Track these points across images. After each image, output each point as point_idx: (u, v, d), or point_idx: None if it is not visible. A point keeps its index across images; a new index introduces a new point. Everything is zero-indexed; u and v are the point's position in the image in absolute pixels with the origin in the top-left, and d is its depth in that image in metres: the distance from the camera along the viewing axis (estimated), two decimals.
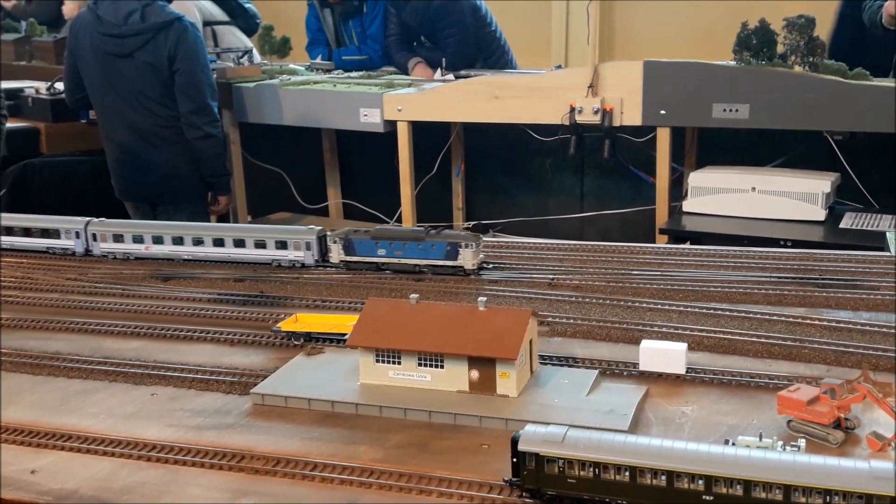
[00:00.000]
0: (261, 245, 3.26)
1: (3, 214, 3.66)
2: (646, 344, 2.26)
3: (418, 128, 5.96)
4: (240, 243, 3.28)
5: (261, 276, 3.15)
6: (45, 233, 3.53)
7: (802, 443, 1.75)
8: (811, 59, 5.15)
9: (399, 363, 2.20)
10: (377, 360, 2.22)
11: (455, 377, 2.17)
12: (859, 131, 5.35)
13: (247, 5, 7.60)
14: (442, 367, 2.17)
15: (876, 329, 2.40)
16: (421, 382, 2.19)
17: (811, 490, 1.54)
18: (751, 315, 2.54)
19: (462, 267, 3.03)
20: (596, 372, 2.24)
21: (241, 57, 6.86)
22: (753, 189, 5.20)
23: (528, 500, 1.75)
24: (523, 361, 2.17)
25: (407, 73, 7.26)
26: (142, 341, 2.67)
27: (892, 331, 2.38)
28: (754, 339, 2.36)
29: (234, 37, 7.44)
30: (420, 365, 2.19)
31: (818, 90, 5.00)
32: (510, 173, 6.83)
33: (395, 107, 5.88)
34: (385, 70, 7.30)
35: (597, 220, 6.48)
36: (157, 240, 3.38)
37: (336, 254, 3.15)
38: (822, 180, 5.09)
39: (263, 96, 6.31)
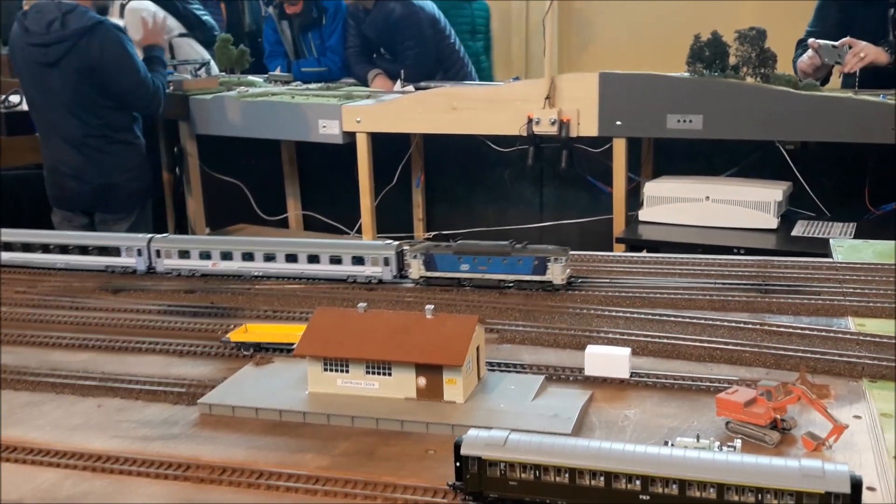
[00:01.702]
0: (336, 261, 3.14)
1: (57, 232, 3.54)
2: (591, 349, 2.30)
3: (378, 139, 5.99)
4: (314, 259, 3.16)
5: (212, 288, 3.15)
6: (104, 251, 3.38)
7: (738, 443, 1.79)
8: (762, 71, 5.26)
9: (347, 371, 2.21)
10: (325, 369, 2.22)
11: (403, 384, 2.18)
12: (810, 141, 5.46)
13: (204, 17, 7.58)
14: (390, 374, 2.19)
15: (815, 333, 2.45)
16: (369, 390, 2.20)
17: (744, 488, 1.58)
18: (694, 321, 2.59)
19: (551, 282, 2.91)
20: (542, 377, 2.26)
21: (199, 69, 6.84)
22: (708, 198, 5.29)
23: None
24: (470, 368, 2.19)
25: (367, 85, 7.28)
26: (90, 353, 2.65)
27: (832, 334, 2.44)
28: (697, 344, 2.41)
29: (192, 49, 7.42)
30: (368, 373, 2.20)
31: (769, 101, 5.10)
32: (470, 184, 6.88)
33: (354, 118, 5.90)
34: (344, 82, 7.32)
35: (556, 230, 6.55)
36: (226, 256, 3.25)
37: (416, 269, 3.04)
38: (774, 189, 5.19)
39: (221, 108, 6.30)
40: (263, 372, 2.39)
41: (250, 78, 7.01)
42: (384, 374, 2.19)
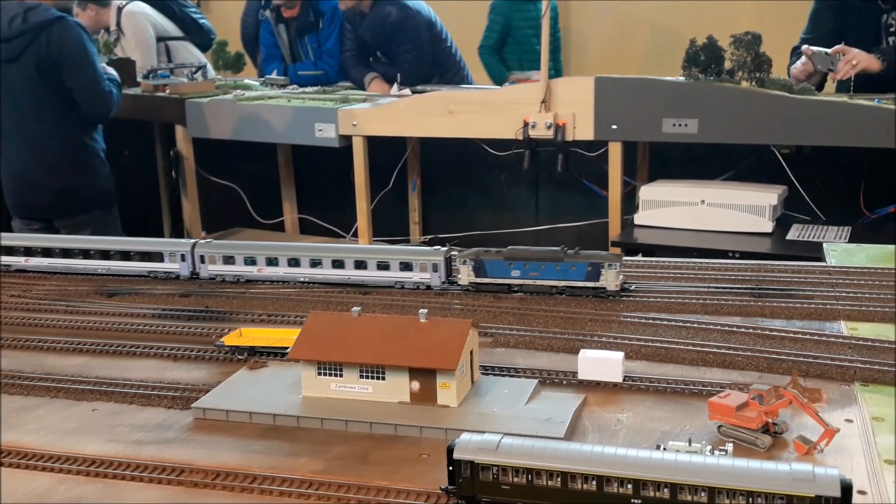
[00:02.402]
0: (384, 267, 3.10)
1: (98, 237, 3.51)
2: (584, 353, 2.30)
3: (374, 142, 6.00)
4: (361, 265, 3.11)
5: (206, 292, 3.15)
6: (147, 256, 3.34)
7: (730, 447, 1.80)
8: (758, 75, 5.27)
9: (341, 375, 2.22)
10: (319, 373, 2.23)
11: (396, 388, 2.19)
12: (805, 145, 5.48)
13: (201, 21, 7.59)
14: (383, 378, 2.19)
15: (808, 337, 2.46)
16: (363, 394, 2.21)
17: (735, 492, 1.58)
18: (688, 324, 2.60)
19: (604, 288, 2.86)
20: (535, 381, 2.27)
21: (195, 72, 6.84)
22: (703, 202, 5.30)
23: None
24: (463, 372, 2.19)
25: (363, 89, 7.29)
26: (84, 357, 2.66)
27: (824, 338, 2.45)
28: (690, 348, 2.42)
29: (188, 52, 7.43)
30: (362, 377, 2.21)
31: (765, 105, 5.12)
32: (466, 187, 6.89)
33: (350, 122, 5.91)
34: (341, 85, 7.33)
35: (551, 234, 6.56)
36: (272, 261, 3.21)
37: (465, 275, 2.99)
38: (769, 193, 5.21)
39: (217, 111, 6.31)
40: (257, 376, 2.39)
41: (246, 81, 7.02)
42: (378, 378, 2.19)
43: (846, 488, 1.54)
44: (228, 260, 3.25)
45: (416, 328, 2.21)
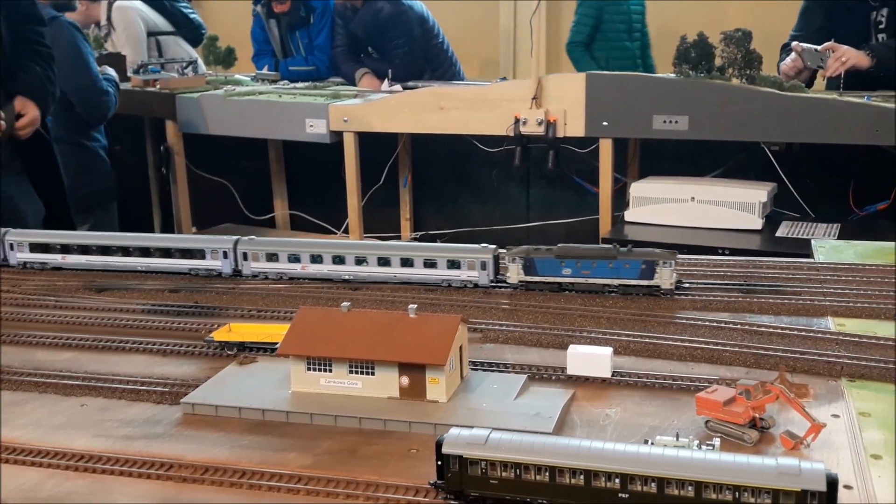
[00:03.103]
0: (431, 264, 3.05)
1: (139, 234, 3.42)
2: (573, 349, 2.31)
3: (365, 138, 6.00)
4: (407, 263, 3.07)
5: (196, 287, 3.15)
6: (188, 253, 3.28)
7: (717, 442, 1.81)
8: (748, 72, 5.30)
9: (330, 371, 2.22)
10: (308, 369, 2.23)
11: (386, 384, 2.19)
12: (795, 142, 5.50)
13: (192, 15, 7.57)
14: (373, 373, 2.20)
15: (795, 333, 2.47)
16: (352, 389, 2.21)
17: (722, 486, 1.59)
18: (676, 320, 2.61)
19: (658, 286, 2.83)
20: (525, 377, 2.27)
21: (186, 67, 6.83)
22: (693, 199, 5.32)
23: (452, 502, 1.77)
24: (453, 367, 2.20)
25: (354, 84, 7.29)
26: (73, 352, 2.65)
27: (812, 334, 2.46)
28: (678, 343, 2.43)
29: (179, 47, 7.41)
30: (351, 372, 2.21)
31: (755, 102, 5.14)
32: (457, 184, 6.89)
33: (341, 117, 5.91)
34: (332, 81, 7.32)
35: (542, 230, 6.57)
36: (316, 259, 3.16)
37: (514, 273, 2.94)
38: (758, 190, 5.23)
39: (208, 107, 6.29)
40: (247, 371, 2.39)
41: (237, 77, 7.01)
42: (367, 373, 2.20)
43: (832, 482, 1.55)
44: (272, 257, 3.20)
45: (405, 323, 2.22)
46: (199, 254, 3.27)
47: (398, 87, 6.67)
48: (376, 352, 2.19)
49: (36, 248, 3.43)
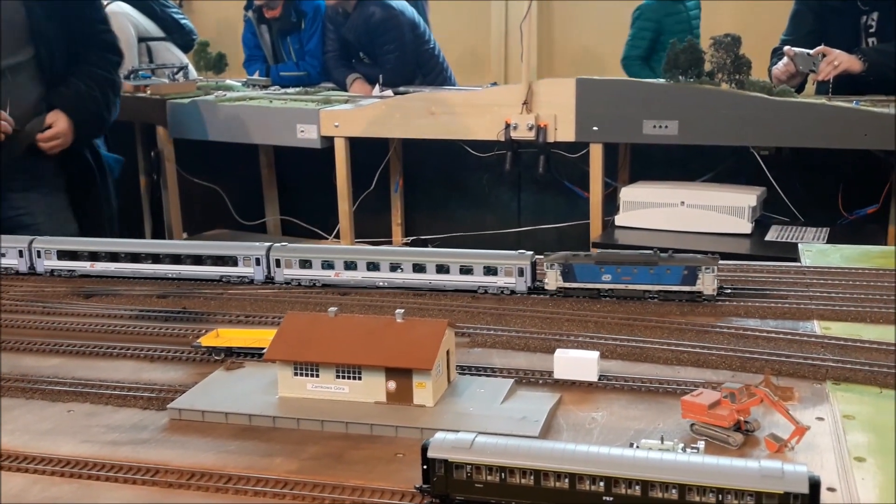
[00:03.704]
0: (467, 271, 3.01)
1: (170, 241, 3.42)
2: (560, 353, 2.32)
3: (356, 144, 6.01)
4: (443, 269, 3.02)
5: (184, 293, 3.14)
6: (220, 260, 3.24)
7: (702, 445, 1.81)
8: (737, 77, 5.32)
9: (317, 376, 2.22)
10: (295, 374, 2.23)
11: (373, 388, 2.19)
12: (784, 146, 5.53)
13: (182, 21, 7.57)
14: (360, 378, 2.20)
15: (781, 336, 2.48)
16: (339, 394, 2.21)
17: (705, 489, 1.60)
18: (663, 324, 2.61)
19: (700, 292, 2.79)
20: (511, 381, 2.28)
21: (177, 73, 6.83)
22: (683, 203, 5.34)
23: None
24: (440, 371, 2.20)
25: (345, 90, 7.29)
26: (60, 358, 2.65)
27: (797, 338, 2.48)
28: (665, 347, 2.43)
29: (170, 53, 7.41)
30: (338, 377, 2.21)
31: (744, 107, 5.17)
32: (448, 189, 6.90)
33: (332, 123, 5.92)
34: (323, 86, 7.33)
35: (533, 235, 6.59)
36: (350, 265, 3.12)
37: (552, 280, 2.90)
38: (748, 194, 5.25)
39: (199, 112, 6.29)
40: (234, 377, 2.39)
41: (228, 82, 7.01)
42: (354, 378, 2.20)
43: (814, 485, 1.55)
44: (305, 264, 3.16)
45: (392, 328, 2.22)
46: (230, 261, 3.23)
47: (389, 92, 6.68)
48: (363, 356, 2.19)
49: (64, 255, 3.39)
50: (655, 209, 5.38)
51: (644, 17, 7.69)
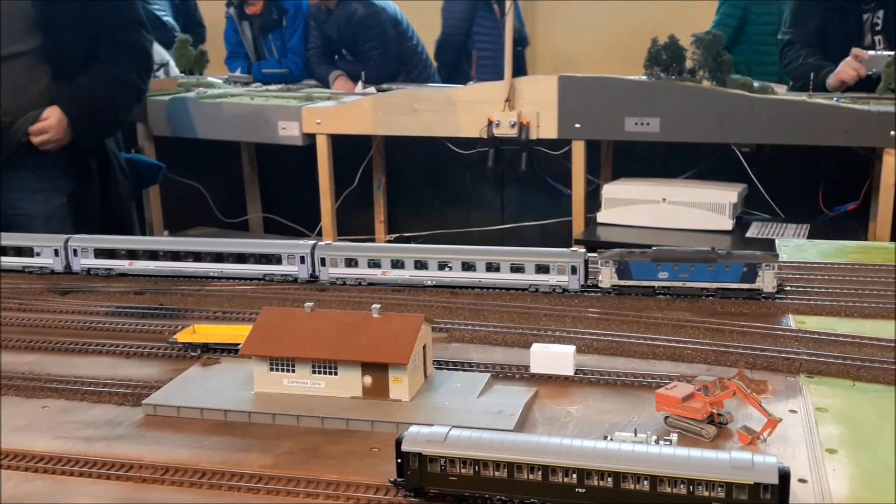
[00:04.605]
0: (518, 269, 2.96)
1: (212, 239, 3.31)
2: (536, 347, 2.32)
3: (338, 141, 5.99)
4: (493, 267, 2.97)
5: (161, 289, 3.13)
6: (264, 258, 3.19)
7: (674, 437, 1.82)
8: (718, 75, 5.34)
9: (293, 371, 2.22)
10: (271, 369, 2.23)
11: (349, 383, 2.19)
12: (765, 144, 5.55)
13: (164, 18, 7.54)
14: (336, 373, 2.20)
15: (755, 330, 2.50)
16: (315, 389, 2.21)
17: (676, 480, 1.61)
18: (639, 319, 2.62)
19: (760, 290, 2.74)
20: (488, 375, 2.28)
21: (158, 70, 6.79)
22: (664, 200, 5.36)
23: (412, 500, 1.77)
24: (416, 366, 2.20)
25: (328, 87, 7.28)
26: (35, 355, 2.63)
27: (772, 331, 2.49)
28: (640, 342, 2.45)
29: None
30: (314, 372, 2.21)
31: (725, 104, 5.19)
32: (431, 186, 6.90)
33: (314, 120, 5.90)
34: (306, 83, 7.31)
35: (517, 232, 6.59)
36: (397, 264, 3.06)
37: (607, 277, 2.85)
38: (729, 191, 5.27)
39: (179, 109, 6.26)
40: (210, 372, 2.38)
41: (209, 79, 6.98)
42: (330, 373, 2.20)
43: (784, 475, 1.57)
44: (350, 262, 3.11)
45: (368, 323, 2.22)
46: (274, 259, 3.18)
47: (372, 89, 6.67)
48: (339, 352, 2.19)
49: (101, 253, 3.34)
50: (637, 206, 5.40)
51: (728, 5, 7.27)
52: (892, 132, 4.80)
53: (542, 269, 2.93)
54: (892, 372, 2.21)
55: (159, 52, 7.42)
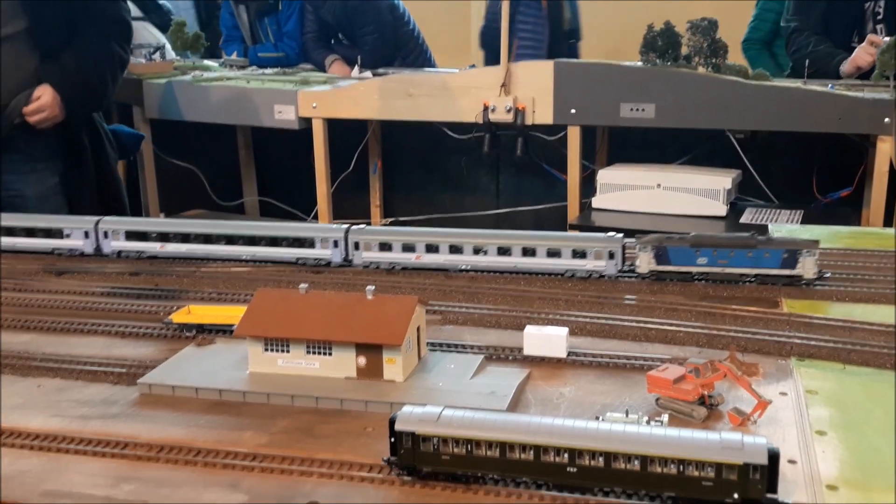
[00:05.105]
0: (555, 254, 2.94)
1: (244, 222, 3.29)
2: (529, 329, 2.34)
3: (335, 125, 5.98)
4: (529, 252, 2.96)
5: (157, 270, 3.14)
6: (297, 242, 3.17)
7: (665, 418, 1.84)
8: (714, 61, 5.34)
9: (288, 351, 2.23)
10: (266, 349, 2.24)
11: (343, 364, 2.21)
12: (760, 130, 5.56)
13: (160, 1, 7.51)
14: (330, 354, 2.21)
15: (747, 314, 2.52)
16: (309, 370, 2.22)
17: (666, 460, 1.63)
18: (632, 302, 2.64)
19: (801, 276, 2.72)
20: (481, 357, 2.30)
21: (154, 53, 6.77)
22: (659, 186, 5.36)
23: (405, 478, 1.79)
24: (410, 347, 2.22)
25: (324, 71, 7.26)
26: (31, 335, 2.64)
27: (763, 315, 2.51)
28: (633, 325, 2.46)
29: (147, 32, 7.33)
30: (308, 353, 2.22)
31: (720, 90, 5.19)
32: (427, 171, 6.90)
33: (310, 104, 5.89)
34: (302, 67, 7.30)
35: (512, 217, 6.60)
36: (432, 248, 3.04)
37: (645, 262, 2.84)
38: (723, 177, 5.28)
39: (175, 92, 6.25)
40: (205, 352, 2.40)
41: (205, 62, 6.96)
42: (325, 353, 2.21)
43: (773, 456, 1.59)
44: (385, 247, 3.08)
45: (362, 305, 2.23)
46: (307, 242, 3.16)
47: (368, 73, 6.65)
48: (333, 332, 2.20)
49: (132, 236, 3.32)
50: (632, 191, 5.40)
51: None
52: (887, 119, 4.80)
53: (580, 253, 2.92)
54: (881, 356, 2.23)
55: (155, 35, 7.41)
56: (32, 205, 4.56)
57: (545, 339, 2.31)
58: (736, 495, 1.59)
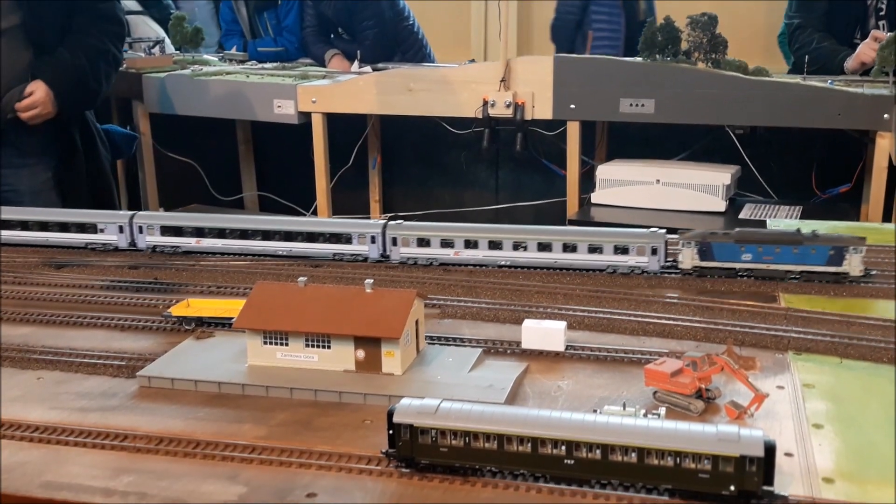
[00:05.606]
0: (595, 250, 2.92)
1: (281, 217, 3.23)
2: (528, 323, 2.35)
3: (334, 120, 5.98)
4: (570, 248, 2.94)
5: (156, 264, 3.15)
6: (334, 237, 3.16)
7: (662, 411, 1.85)
8: (713, 56, 5.34)
9: (286, 344, 2.24)
10: (265, 342, 2.25)
11: (342, 357, 2.21)
12: (759, 126, 5.56)
13: None
14: (329, 347, 2.22)
15: (744, 308, 2.53)
16: (308, 363, 2.23)
17: (663, 452, 1.64)
18: (630, 297, 2.65)
19: (847, 273, 2.70)
20: (480, 350, 2.31)
21: (153, 47, 6.76)
22: (658, 181, 5.36)
23: (403, 470, 1.80)
24: (408, 341, 2.22)
25: (324, 65, 7.26)
26: (31, 327, 2.65)
27: (760, 310, 2.52)
28: (631, 319, 2.47)
29: (147, 26, 7.33)
30: (307, 346, 2.23)
31: (720, 86, 5.19)
32: (426, 166, 6.90)
33: (310, 98, 5.89)
34: (301, 62, 7.29)
35: (511, 212, 6.60)
36: (471, 244, 3.03)
37: (688, 258, 2.82)
38: (722, 173, 5.28)
39: (175, 87, 6.24)
40: (204, 345, 2.40)
41: (205, 57, 6.96)
42: (323, 346, 2.22)
43: (769, 449, 1.59)
44: (423, 242, 3.07)
45: (361, 298, 2.24)
46: (345, 238, 3.15)
47: (367, 68, 6.64)
48: (332, 325, 2.21)
49: (168, 231, 3.30)
50: (631, 187, 5.41)
51: None
52: (886, 115, 4.81)
53: (622, 249, 2.90)
54: (878, 350, 2.24)
55: (154, 29, 7.41)
56: (26, 199, 4.57)
57: (543, 332, 2.31)
58: (732, 487, 1.60)
